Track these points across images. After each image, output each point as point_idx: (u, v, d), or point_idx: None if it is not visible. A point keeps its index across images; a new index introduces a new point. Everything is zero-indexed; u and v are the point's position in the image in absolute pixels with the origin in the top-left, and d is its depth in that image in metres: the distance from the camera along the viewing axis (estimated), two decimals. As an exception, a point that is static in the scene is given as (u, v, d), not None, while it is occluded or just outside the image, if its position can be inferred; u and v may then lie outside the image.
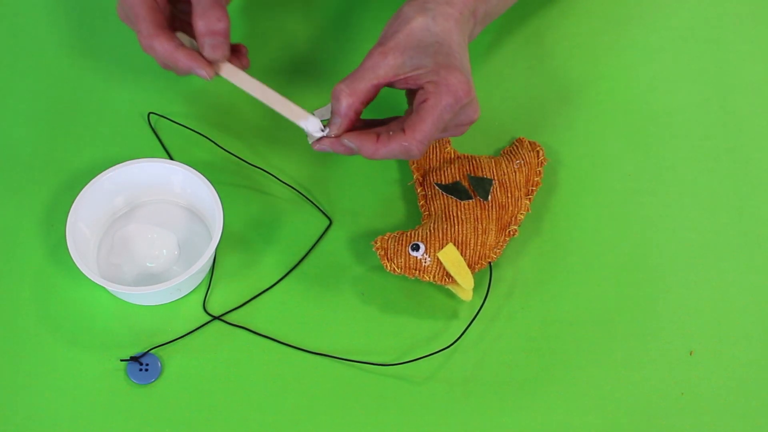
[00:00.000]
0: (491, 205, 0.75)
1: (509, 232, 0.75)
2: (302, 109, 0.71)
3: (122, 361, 0.72)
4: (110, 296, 0.74)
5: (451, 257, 0.72)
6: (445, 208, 0.75)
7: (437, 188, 0.76)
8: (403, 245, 0.72)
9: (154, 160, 0.75)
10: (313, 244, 0.77)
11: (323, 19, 0.89)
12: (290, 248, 0.77)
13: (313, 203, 0.79)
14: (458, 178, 0.76)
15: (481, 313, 0.73)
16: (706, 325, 0.74)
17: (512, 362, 0.72)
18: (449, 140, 0.80)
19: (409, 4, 0.71)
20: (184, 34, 0.74)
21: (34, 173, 0.80)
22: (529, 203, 0.77)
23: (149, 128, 0.82)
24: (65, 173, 0.80)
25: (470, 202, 0.74)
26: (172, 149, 0.81)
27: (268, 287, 0.75)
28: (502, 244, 0.75)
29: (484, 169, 0.76)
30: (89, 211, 0.74)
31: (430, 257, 0.72)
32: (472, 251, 0.73)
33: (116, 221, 0.77)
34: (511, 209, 0.76)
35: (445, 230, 0.73)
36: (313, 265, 0.76)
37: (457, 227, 0.73)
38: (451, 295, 0.75)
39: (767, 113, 0.84)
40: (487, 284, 0.74)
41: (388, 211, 0.79)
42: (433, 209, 0.76)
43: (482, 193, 0.75)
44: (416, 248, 0.72)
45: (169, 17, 0.73)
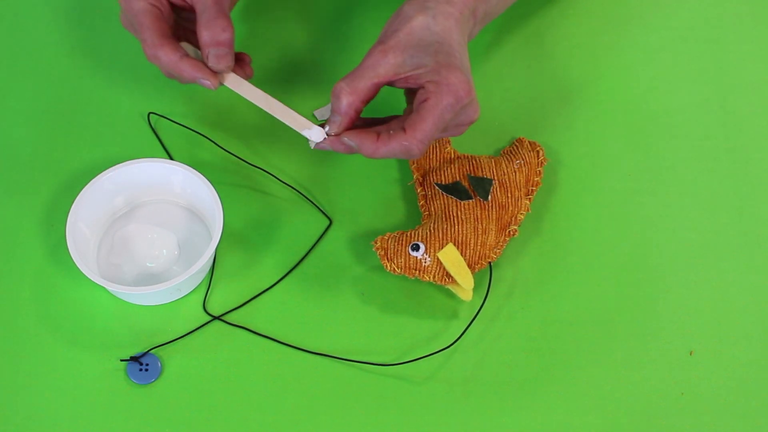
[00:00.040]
0: (491, 205, 0.75)
1: (509, 232, 0.75)
2: (306, 118, 0.71)
3: (122, 361, 0.72)
4: (110, 296, 0.74)
5: (451, 257, 0.72)
6: (445, 208, 0.74)
7: (437, 188, 0.76)
8: (403, 245, 0.72)
9: (154, 160, 0.75)
10: (313, 244, 0.77)
11: (322, 19, 0.89)
12: (290, 248, 0.77)
13: (313, 203, 0.79)
14: (458, 178, 0.76)
15: (481, 313, 0.73)
16: (706, 325, 0.74)
17: (512, 362, 0.72)
18: (449, 140, 0.80)
19: (409, 3, 0.71)
20: (188, 44, 0.74)
21: (34, 173, 0.80)
22: (529, 203, 0.77)
23: (149, 128, 0.82)
24: (65, 173, 0.80)
25: (470, 202, 0.74)
26: (172, 149, 0.81)
27: (268, 287, 0.75)
28: (502, 244, 0.75)
29: (484, 169, 0.76)
30: (89, 211, 0.74)
31: (430, 257, 0.72)
32: (472, 251, 0.73)
33: (116, 221, 0.77)
34: (511, 209, 0.76)
35: (445, 230, 0.73)
36: (313, 265, 0.76)
37: (457, 227, 0.73)
38: (451, 295, 0.74)
39: (767, 113, 0.84)
40: (487, 284, 0.74)
41: (388, 211, 0.79)
42: (433, 209, 0.75)
43: (482, 193, 0.75)
44: (416, 248, 0.72)
45: (173, 26, 0.73)
